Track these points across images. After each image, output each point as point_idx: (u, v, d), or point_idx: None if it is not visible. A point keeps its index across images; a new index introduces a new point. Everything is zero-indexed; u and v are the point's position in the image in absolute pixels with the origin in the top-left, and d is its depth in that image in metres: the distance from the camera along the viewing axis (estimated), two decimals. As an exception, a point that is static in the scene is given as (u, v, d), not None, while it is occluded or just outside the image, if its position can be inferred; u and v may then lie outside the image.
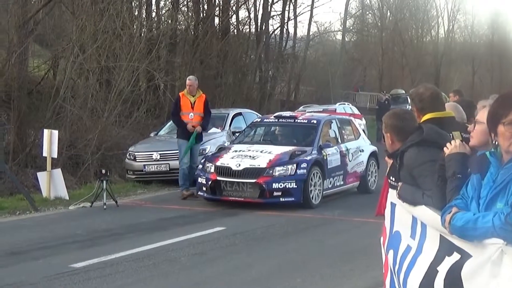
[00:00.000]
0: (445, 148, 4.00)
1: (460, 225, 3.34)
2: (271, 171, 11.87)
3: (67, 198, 12.93)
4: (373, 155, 14.47)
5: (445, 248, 3.69)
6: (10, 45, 16.22)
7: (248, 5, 30.41)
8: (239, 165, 11.96)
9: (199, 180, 12.37)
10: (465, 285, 3.32)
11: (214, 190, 12.10)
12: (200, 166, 12.65)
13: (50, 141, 13.05)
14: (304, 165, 12.02)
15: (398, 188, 4.66)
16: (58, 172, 13.27)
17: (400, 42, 48.42)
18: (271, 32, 32.64)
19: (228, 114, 17.22)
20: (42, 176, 13.32)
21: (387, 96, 30.13)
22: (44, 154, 13.25)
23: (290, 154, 12.22)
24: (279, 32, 33.41)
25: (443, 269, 3.65)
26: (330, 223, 11.06)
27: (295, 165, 11.94)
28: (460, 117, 5.19)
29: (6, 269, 7.86)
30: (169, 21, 24.05)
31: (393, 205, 4.95)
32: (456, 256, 3.52)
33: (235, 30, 29.28)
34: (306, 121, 13.57)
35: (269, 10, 31.62)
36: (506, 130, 3.29)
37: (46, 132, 13.29)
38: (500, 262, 3.00)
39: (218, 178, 11.97)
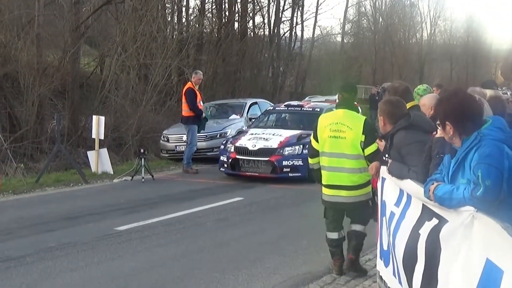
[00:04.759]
0: (438, 131, 4.03)
1: (440, 195, 3.36)
2: (281, 151, 11.88)
3: (112, 172, 13.00)
4: None
5: (426, 214, 3.70)
6: (65, 46, 16.25)
7: (263, 12, 30.33)
8: (255, 145, 12.00)
9: (221, 158, 12.44)
10: (442, 245, 3.33)
11: (233, 167, 12.18)
12: (222, 146, 12.71)
13: (98, 125, 13.10)
14: None
15: (388, 165, 4.68)
16: (104, 151, 13.33)
17: (390, 43, 48.00)
18: (282, 35, 32.50)
19: (246, 103, 17.19)
20: (91, 155, 13.39)
21: (379, 89, 29.82)
22: (93, 136, 13.30)
23: (297, 137, 12.19)
24: (289, 34, 33.29)
25: (424, 232, 3.66)
26: None
27: (301, 146, 11.87)
28: None
29: (63, 231, 7.93)
30: (197, 25, 24.00)
31: (383, 179, 4.97)
32: (435, 221, 3.53)
33: (252, 33, 29.20)
34: (311, 109, 13.50)
35: (280, 16, 31.47)
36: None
37: (94, 118, 13.33)
38: (471, 225, 3.01)
39: (237, 156, 12.07)
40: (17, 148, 13.57)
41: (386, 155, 4.82)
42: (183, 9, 24.91)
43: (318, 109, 13.29)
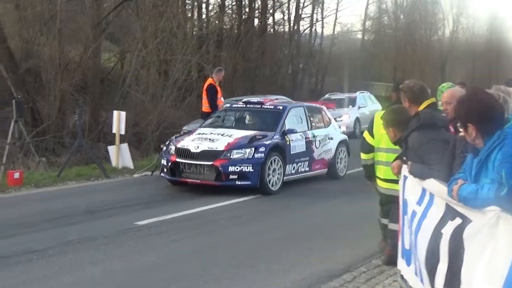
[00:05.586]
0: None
1: (464, 195, 3.33)
2: (228, 154, 10.11)
3: (132, 167, 13.06)
4: (343, 143, 12.52)
5: (449, 214, 3.67)
6: (86, 42, 16.41)
7: (283, 9, 30.32)
8: (198, 147, 10.28)
9: (162, 161, 10.85)
10: (466, 245, 3.30)
11: (173, 172, 10.46)
12: (164, 148, 11.17)
13: (118, 121, 13.16)
14: (262, 149, 10.21)
15: (409, 166, 4.70)
16: (125, 146, 13.41)
17: (411, 40, 47.62)
18: (302, 31, 32.48)
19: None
20: (112, 149, 13.48)
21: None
22: (114, 131, 13.37)
23: (250, 138, 10.42)
24: (309, 31, 33.24)
25: (447, 231, 3.63)
26: (344, 194, 10.62)
27: (253, 149, 10.15)
28: None
29: (83, 225, 8.00)
30: (217, 21, 24.07)
31: (405, 178, 4.95)
32: (458, 221, 3.50)
33: (272, 30, 29.19)
34: (272, 107, 11.57)
35: (300, 13, 31.43)
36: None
37: (115, 113, 13.40)
38: (496, 225, 2.98)
39: (178, 159, 10.36)
40: (39, 142, 13.74)
41: (405, 157, 4.86)
42: (203, 5, 24.99)
43: (281, 108, 11.47)
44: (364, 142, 6.27)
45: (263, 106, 11.71)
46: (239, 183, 10.06)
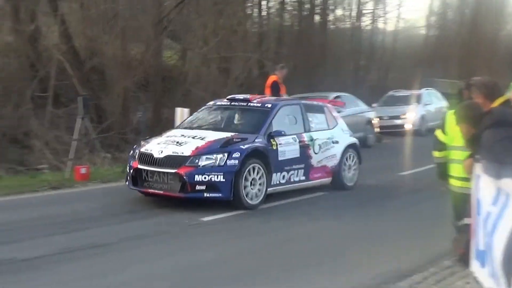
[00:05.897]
0: None
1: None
2: (196, 161, 8.53)
3: (195, 164, 13.17)
4: (351, 147, 10.73)
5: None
6: (148, 40, 16.72)
7: (344, 5, 30.08)
8: (162, 152, 8.78)
9: (127, 168, 9.40)
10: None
11: (135, 180, 8.97)
12: (131, 151, 9.60)
13: (182, 117, 13.30)
14: (236, 155, 8.58)
15: (482, 165, 4.60)
16: (187, 143, 13.54)
17: (477, 36, 46.33)
18: (363, 28, 32.13)
19: (328, 96, 17.03)
20: (174, 146, 13.64)
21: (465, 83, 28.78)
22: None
23: (224, 141, 8.81)
24: (371, 27, 32.85)
25: (525, 232, 3.49)
26: (368, 204, 9.84)
27: (226, 154, 8.55)
28: None
29: (147, 220, 8.11)
30: (277, 18, 24.06)
31: (478, 177, 4.82)
32: (537, 221, 3.35)
33: (333, 26, 28.99)
34: (259, 105, 9.89)
35: (361, 8, 31.15)
36: None
37: (178, 110, 13.55)
38: None
39: (139, 166, 8.88)
40: (104, 138, 14.09)
41: (478, 156, 4.74)
42: (264, 2, 25.05)
43: (269, 105, 9.83)
44: (436, 140, 6.17)
45: (249, 103, 10.00)
46: (208, 195, 8.48)
